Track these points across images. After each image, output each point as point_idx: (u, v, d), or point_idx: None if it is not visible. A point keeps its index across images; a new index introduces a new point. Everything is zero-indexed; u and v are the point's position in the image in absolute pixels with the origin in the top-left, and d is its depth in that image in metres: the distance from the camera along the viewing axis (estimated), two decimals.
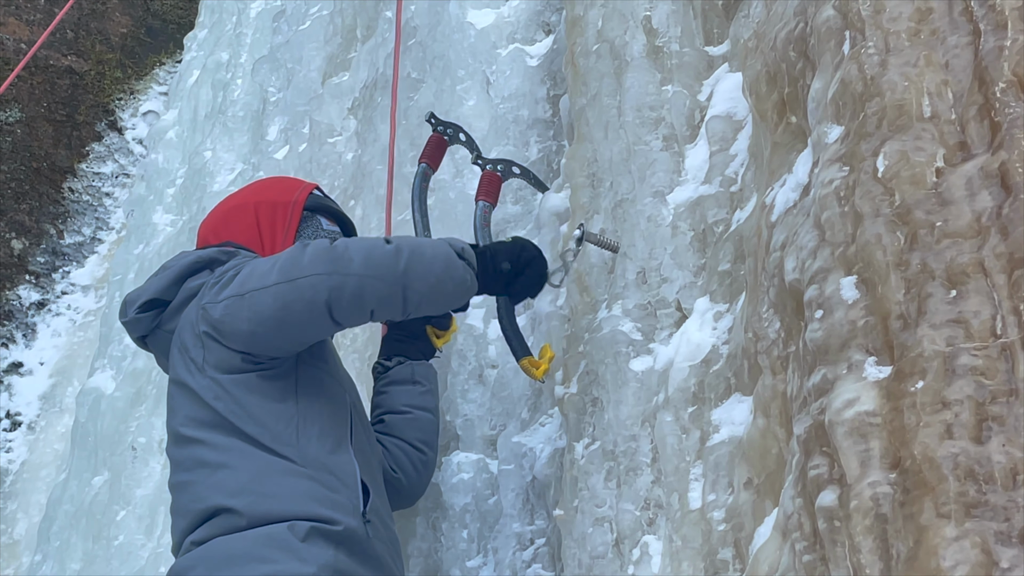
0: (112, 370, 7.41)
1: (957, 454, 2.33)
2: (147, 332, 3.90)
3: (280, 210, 4.06)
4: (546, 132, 5.20)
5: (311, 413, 3.64)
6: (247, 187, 4.33)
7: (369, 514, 3.58)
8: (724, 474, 3.36)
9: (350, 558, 3.47)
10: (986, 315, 2.46)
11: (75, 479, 7.05)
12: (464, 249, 3.76)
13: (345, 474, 3.60)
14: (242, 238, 4.00)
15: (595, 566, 3.66)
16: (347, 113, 6.41)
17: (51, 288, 9.69)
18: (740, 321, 3.46)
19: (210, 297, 3.65)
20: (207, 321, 3.63)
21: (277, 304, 3.54)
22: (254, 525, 3.46)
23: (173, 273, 3.85)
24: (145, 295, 3.87)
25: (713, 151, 3.97)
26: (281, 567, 3.38)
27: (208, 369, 3.63)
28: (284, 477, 3.52)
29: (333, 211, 4.22)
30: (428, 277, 3.64)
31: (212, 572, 3.44)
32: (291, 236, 4.02)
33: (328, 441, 3.63)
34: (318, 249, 3.59)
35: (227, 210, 4.11)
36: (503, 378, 4.54)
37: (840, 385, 2.64)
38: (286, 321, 3.57)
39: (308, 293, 3.53)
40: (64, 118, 10.65)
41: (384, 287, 3.59)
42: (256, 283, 3.58)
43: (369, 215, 5.52)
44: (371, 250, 3.60)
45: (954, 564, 2.22)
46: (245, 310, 3.57)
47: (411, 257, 3.61)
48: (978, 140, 2.68)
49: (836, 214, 2.85)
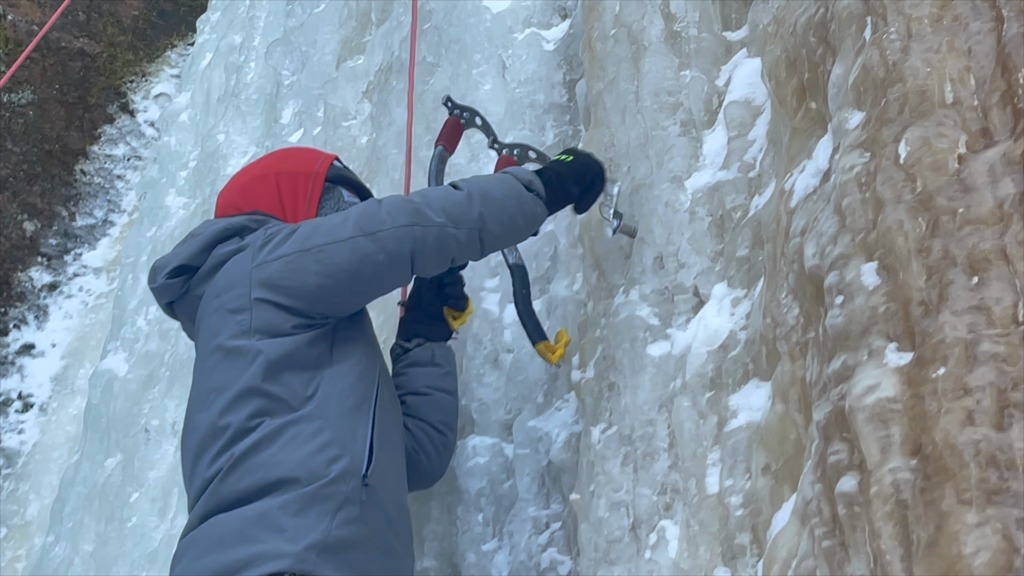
0: (125, 352, 7.41)
1: (979, 441, 2.33)
2: (175, 298, 3.92)
3: (301, 180, 4.09)
4: (562, 117, 5.19)
5: (340, 372, 3.67)
6: (266, 157, 4.35)
7: (370, 478, 3.56)
8: (742, 459, 3.36)
9: (342, 528, 3.46)
10: (1008, 302, 2.45)
11: (88, 461, 7.07)
12: (532, 181, 3.89)
13: (356, 435, 3.61)
14: (265, 208, 4.03)
15: (611, 550, 3.66)
16: (362, 97, 6.40)
17: (63, 270, 9.70)
18: (758, 307, 3.46)
19: (261, 258, 3.70)
20: (259, 281, 3.66)
21: (355, 257, 3.65)
22: (251, 495, 3.48)
23: (203, 239, 3.88)
24: (174, 261, 3.90)
25: (731, 136, 3.96)
26: (269, 547, 3.38)
27: (253, 333, 3.64)
28: (295, 436, 3.53)
29: (353, 182, 4.25)
30: (502, 217, 3.80)
31: (203, 555, 3.46)
32: (313, 207, 4.04)
33: (351, 399, 3.65)
34: (395, 202, 3.72)
35: (248, 181, 4.13)
36: (519, 362, 4.54)
37: (861, 371, 2.64)
38: (363, 273, 3.67)
39: (391, 245, 3.66)
40: (76, 100, 10.64)
41: (463, 234, 3.75)
42: (324, 238, 3.68)
43: None
44: (446, 199, 3.74)
45: (975, 551, 2.22)
46: (312, 264, 3.65)
47: (484, 201, 3.76)
48: (1001, 127, 2.68)
49: (857, 200, 2.85)
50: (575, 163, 4.01)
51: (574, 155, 4.07)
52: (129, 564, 6.09)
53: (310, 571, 3.38)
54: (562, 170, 3.99)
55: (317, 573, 3.39)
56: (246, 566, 3.37)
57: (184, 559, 3.53)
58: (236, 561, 3.39)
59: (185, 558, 3.52)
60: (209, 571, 3.41)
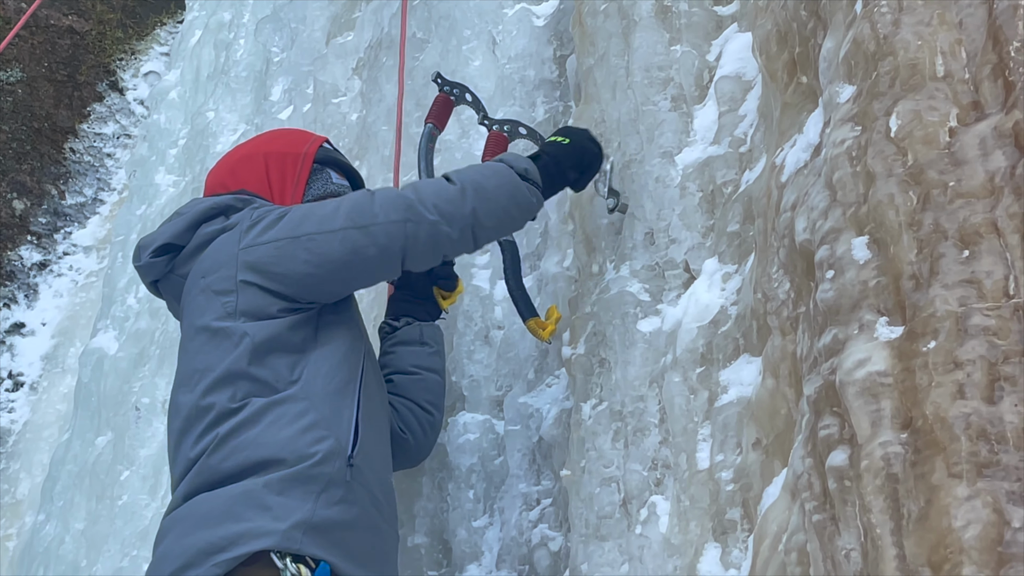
0: (115, 331, 7.40)
1: (969, 414, 2.33)
2: (160, 277, 3.91)
3: (290, 161, 4.06)
4: (552, 93, 5.18)
5: (324, 354, 3.66)
6: (256, 137, 4.34)
7: (356, 458, 3.55)
8: (732, 434, 3.36)
9: (327, 508, 3.46)
10: (999, 275, 2.45)
11: (78, 439, 7.06)
12: (527, 169, 3.83)
13: (341, 416, 3.59)
14: (252, 187, 4.00)
15: (602, 526, 3.67)
16: (352, 73, 6.38)
17: (53, 249, 9.68)
18: (749, 282, 3.45)
19: (249, 240, 3.68)
20: (246, 264, 3.64)
21: (346, 248, 3.63)
22: (231, 472, 3.47)
23: (188, 219, 3.86)
24: (159, 239, 3.87)
25: (722, 111, 3.95)
26: (254, 524, 3.38)
27: (239, 315, 3.63)
28: (279, 417, 3.52)
29: (342, 165, 4.23)
30: (495, 211, 3.76)
31: (187, 533, 3.44)
32: (300, 188, 4.02)
33: (335, 380, 3.63)
34: (388, 196, 3.69)
35: (236, 160, 4.11)
36: (509, 339, 4.54)
37: (851, 345, 2.63)
38: (352, 265, 3.66)
39: (382, 240, 3.63)
40: (65, 78, 10.60)
41: (456, 231, 3.70)
42: (315, 226, 3.65)
43: (374, 175, 5.51)
44: (438, 194, 3.69)
45: (965, 524, 2.22)
46: (302, 252, 3.62)
47: (477, 195, 3.71)
48: (992, 99, 2.67)
49: (848, 174, 2.84)
50: (572, 145, 3.97)
51: (570, 136, 4.02)
52: (120, 542, 6.09)
53: (296, 549, 3.38)
54: (559, 154, 3.95)
55: (304, 551, 3.39)
56: (231, 544, 3.37)
57: (168, 537, 3.51)
58: (221, 539, 3.38)
59: (169, 536, 3.51)
60: (194, 549, 3.40)
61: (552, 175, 3.91)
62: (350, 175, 4.23)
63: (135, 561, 5.82)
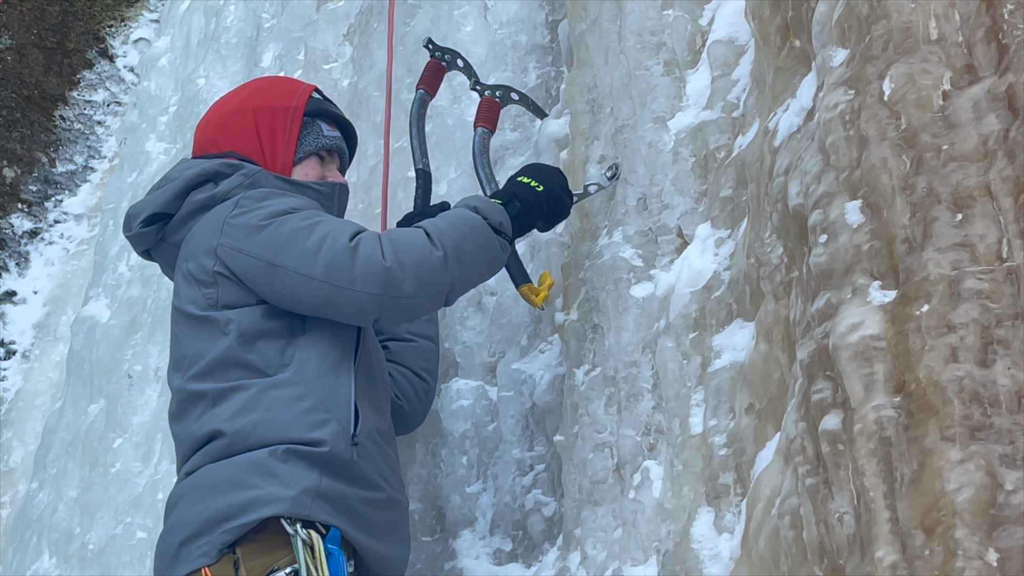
0: (107, 298, 7.38)
1: (962, 377, 2.33)
2: (151, 246, 3.89)
3: (280, 116, 3.98)
4: (544, 58, 5.15)
5: (316, 335, 3.64)
6: (244, 88, 4.25)
7: (359, 437, 3.57)
8: (725, 399, 3.37)
9: (335, 480, 3.48)
10: (992, 239, 2.45)
11: (71, 407, 7.05)
12: (502, 223, 3.74)
13: (339, 395, 3.59)
14: (243, 147, 3.93)
15: (595, 491, 3.68)
16: (342, 39, 6.35)
17: (44, 217, 9.64)
18: (742, 247, 3.45)
19: (230, 240, 3.62)
20: (224, 265, 3.62)
21: (319, 299, 3.57)
22: (239, 451, 3.49)
23: (177, 186, 3.82)
24: (148, 209, 3.84)
25: (715, 76, 3.94)
26: (263, 491, 3.40)
27: (221, 307, 3.62)
28: (274, 403, 3.53)
29: (333, 115, 4.15)
30: (471, 275, 3.73)
31: (196, 502, 3.47)
32: (292, 146, 3.94)
33: (328, 360, 3.62)
34: (370, 263, 3.54)
35: (225, 115, 4.03)
36: (502, 305, 4.53)
37: (844, 309, 2.64)
38: (322, 312, 3.61)
39: (357, 306, 3.57)
40: (55, 45, 10.54)
41: (431, 302, 3.69)
42: (293, 263, 3.56)
43: (366, 142, 5.48)
44: (420, 264, 3.57)
45: (958, 487, 2.23)
46: (276, 282, 3.58)
47: (457, 263, 3.62)
48: (985, 63, 2.66)
49: (841, 138, 2.83)
50: (544, 194, 3.85)
51: (543, 182, 3.88)
52: (113, 509, 6.09)
53: (306, 515, 3.40)
54: (531, 203, 3.83)
55: (313, 517, 3.40)
56: (241, 512, 3.38)
57: (178, 507, 3.54)
58: (230, 507, 3.40)
59: (179, 506, 3.54)
60: (203, 517, 3.42)
61: (522, 226, 3.85)
62: (341, 125, 4.17)
63: (128, 528, 5.83)
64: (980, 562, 2.16)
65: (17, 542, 6.88)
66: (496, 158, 4.81)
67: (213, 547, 3.39)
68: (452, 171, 4.93)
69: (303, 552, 3.33)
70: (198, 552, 3.41)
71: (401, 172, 4.98)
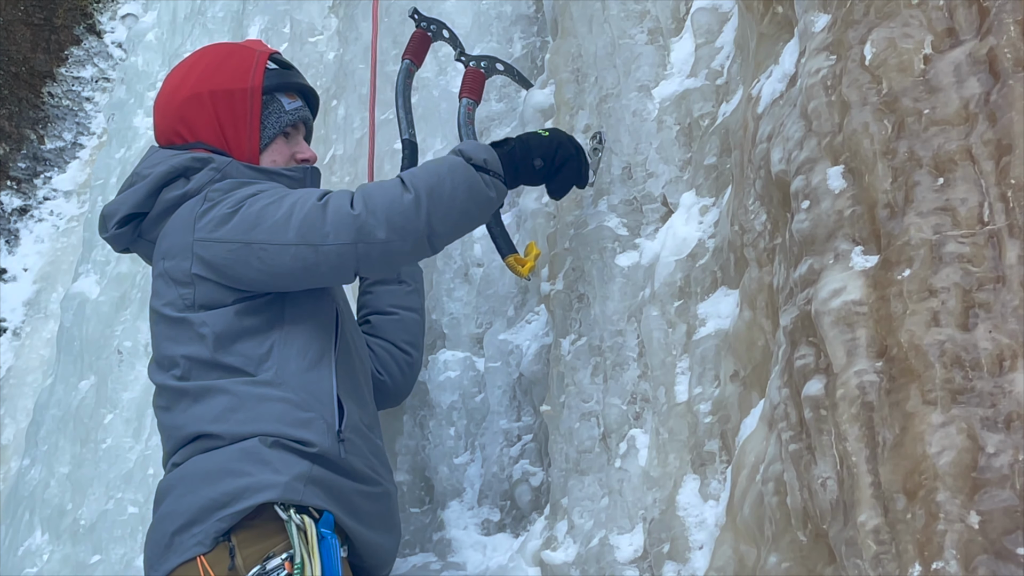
0: (96, 275, 7.38)
1: (943, 341, 2.33)
2: (128, 244, 3.86)
3: (239, 100, 3.86)
4: (529, 28, 5.14)
5: (294, 331, 3.62)
6: (195, 65, 4.00)
7: (345, 431, 3.56)
8: (710, 367, 3.37)
9: (326, 470, 3.48)
10: (973, 202, 2.45)
11: (61, 384, 7.06)
12: (487, 160, 3.64)
13: (321, 391, 3.58)
14: (207, 137, 3.84)
15: (582, 460, 3.68)
16: (328, 12, 6.34)
17: (33, 194, 9.63)
18: (726, 214, 3.45)
19: (202, 233, 3.58)
20: (200, 261, 3.58)
21: (298, 265, 3.52)
22: (227, 444, 3.49)
23: (148, 185, 3.75)
24: (123, 210, 3.79)
25: (699, 44, 3.93)
26: (256, 479, 3.39)
27: (197, 307, 3.60)
28: (260, 402, 3.51)
29: (292, 85, 4.01)
30: (452, 215, 3.58)
31: (188, 492, 3.46)
32: (256, 129, 3.83)
33: (308, 357, 3.60)
34: (339, 214, 3.50)
35: (181, 103, 3.88)
36: (489, 276, 4.52)
37: (827, 275, 2.63)
38: (304, 278, 3.57)
39: (334, 260, 3.52)
40: (42, 22, 10.51)
41: (409, 245, 3.55)
42: (267, 236, 3.52)
43: (352, 115, 5.47)
44: (391, 207, 3.51)
45: (940, 450, 2.23)
46: (254, 260, 3.53)
47: (431, 202, 3.52)
48: (967, 25, 2.65)
49: (823, 104, 2.83)
50: (549, 139, 3.75)
51: (551, 132, 3.81)
52: (105, 485, 6.11)
53: (299, 500, 3.39)
54: (530, 141, 3.74)
55: (306, 502, 3.40)
56: (234, 499, 3.37)
57: (169, 497, 3.52)
58: (223, 495, 3.38)
59: (170, 496, 3.52)
60: (196, 506, 3.40)
61: (516, 162, 3.70)
62: (304, 94, 4.05)
63: (120, 504, 5.84)
64: (962, 525, 2.16)
65: (9, 519, 6.90)
66: (481, 129, 4.81)
67: (208, 536, 3.37)
68: (438, 142, 4.92)
69: (297, 537, 3.32)
70: (192, 541, 3.38)
71: (387, 144, 4.97)
